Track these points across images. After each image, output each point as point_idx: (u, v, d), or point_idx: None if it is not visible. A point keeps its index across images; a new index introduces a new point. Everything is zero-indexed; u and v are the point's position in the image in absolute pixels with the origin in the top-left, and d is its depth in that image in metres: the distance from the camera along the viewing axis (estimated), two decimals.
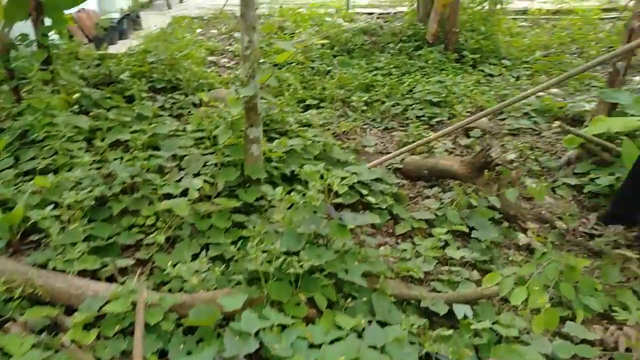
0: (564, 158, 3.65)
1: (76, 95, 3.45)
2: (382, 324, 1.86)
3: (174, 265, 1.97)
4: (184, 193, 2.51)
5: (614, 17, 8.94)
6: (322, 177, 2.08)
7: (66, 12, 3.74)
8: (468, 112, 4.77)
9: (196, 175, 2.83)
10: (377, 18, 8.49)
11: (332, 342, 1.69)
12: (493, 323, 1.94)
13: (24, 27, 3.61)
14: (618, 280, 2.33)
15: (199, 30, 8.10)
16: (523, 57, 6.62)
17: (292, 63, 5.77)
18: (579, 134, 3.42)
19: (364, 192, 2.66)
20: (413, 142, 3.90)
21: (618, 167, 3.28)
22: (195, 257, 2.18)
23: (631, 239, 2.72)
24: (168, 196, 2.54)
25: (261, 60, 5.08)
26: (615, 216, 2.85)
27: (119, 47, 6.64)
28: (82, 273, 2.07)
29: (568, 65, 6.32)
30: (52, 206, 2.22)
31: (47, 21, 3.60)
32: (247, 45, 2.42)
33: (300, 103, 4.68)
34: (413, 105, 4.74)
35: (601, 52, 6.88)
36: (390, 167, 3.57)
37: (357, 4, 10.22)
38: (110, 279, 2.13)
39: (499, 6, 7.33)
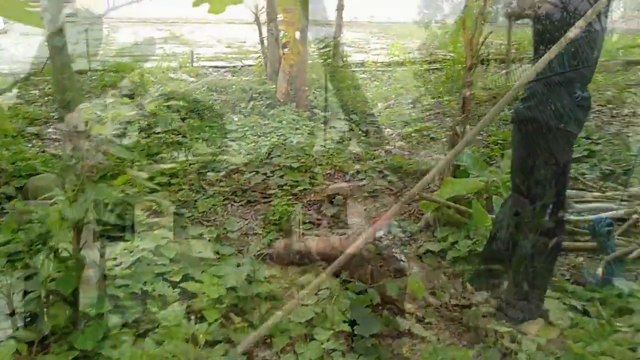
0: (422, 221, 3.77)
1: None
2: None
3: None
4: None
5: (435, 68, 10.17)
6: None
7: None
8: (327, 173, 4.77)
9: (11, 315, 2.18)
10: (225, 72, 8.30)
11: None
12: None
13: None
14: None
15: (14, 92, 6.89)
16: (367, 110, 7.00)
17: (135, 132, 5.18)
18: (435, 200, 3.57)
19: (234, 316, 2.30)
20: (279, 218, 3.68)
21: (471, 228, 3.48)
22: None
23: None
24: None
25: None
26: (481, 279, 2.97)
27: None
28: None
29: (408, 116, 6.85)
30: None
31: None
32: (70, 154, 1.94)
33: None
34: (274, 172, 4.56)
35: (432, 102, 7.65)
36: (259, 253, 3.28)
37: (201, 56, 9.91)
38: None
39: (341, 62, 7.74)
